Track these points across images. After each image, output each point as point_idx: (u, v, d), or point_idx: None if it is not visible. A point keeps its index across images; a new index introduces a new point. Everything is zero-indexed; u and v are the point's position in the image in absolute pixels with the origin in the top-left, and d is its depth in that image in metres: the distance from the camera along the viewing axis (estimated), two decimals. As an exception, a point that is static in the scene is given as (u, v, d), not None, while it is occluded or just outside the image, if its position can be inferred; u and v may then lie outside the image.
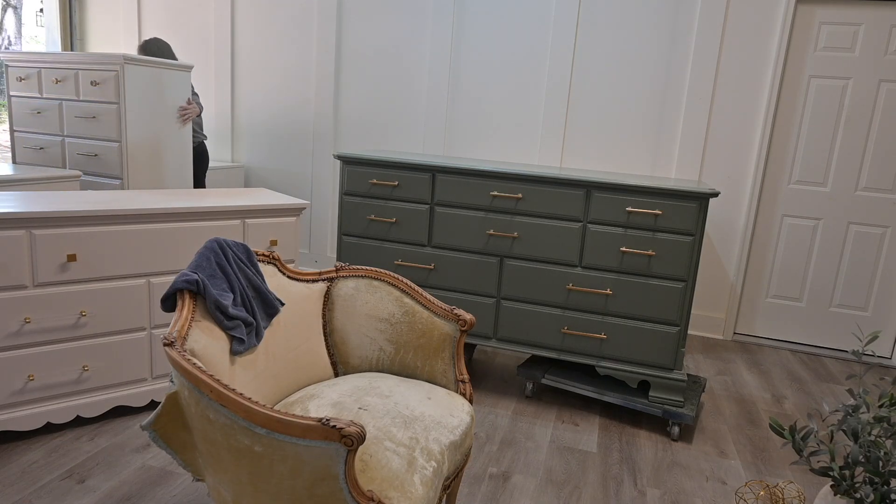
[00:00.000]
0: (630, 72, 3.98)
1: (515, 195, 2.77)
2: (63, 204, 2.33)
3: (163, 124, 3.58)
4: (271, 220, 2.75)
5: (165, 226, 2.47)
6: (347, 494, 1.27)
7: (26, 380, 2.25)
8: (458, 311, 1.93)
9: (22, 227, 2.16)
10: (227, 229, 2.63)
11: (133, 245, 2.40)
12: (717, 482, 2.40)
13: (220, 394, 1.28)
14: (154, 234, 2.45)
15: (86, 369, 2.38)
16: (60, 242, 2.24)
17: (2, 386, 2.21)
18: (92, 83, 3.39)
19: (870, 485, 1.71)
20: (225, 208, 2.59)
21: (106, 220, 2.33)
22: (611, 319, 2.73)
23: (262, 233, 2.74)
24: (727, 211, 3.98)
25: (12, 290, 2.17)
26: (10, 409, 2.24)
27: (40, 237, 2.20)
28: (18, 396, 2.24)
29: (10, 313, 2.17)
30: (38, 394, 2.29)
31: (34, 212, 2.17)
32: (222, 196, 2.80)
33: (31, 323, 2.22)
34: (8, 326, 2.17)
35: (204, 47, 4.82)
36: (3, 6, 5.42)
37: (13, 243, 2.15)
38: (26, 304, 2.20)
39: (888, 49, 3.65)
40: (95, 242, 2.31)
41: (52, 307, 2.26)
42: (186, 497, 2.06)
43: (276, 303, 1.87)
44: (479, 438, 2.59)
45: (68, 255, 2.26)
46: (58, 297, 2.27)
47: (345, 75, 4.52)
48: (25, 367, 2.24)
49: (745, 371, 3.59)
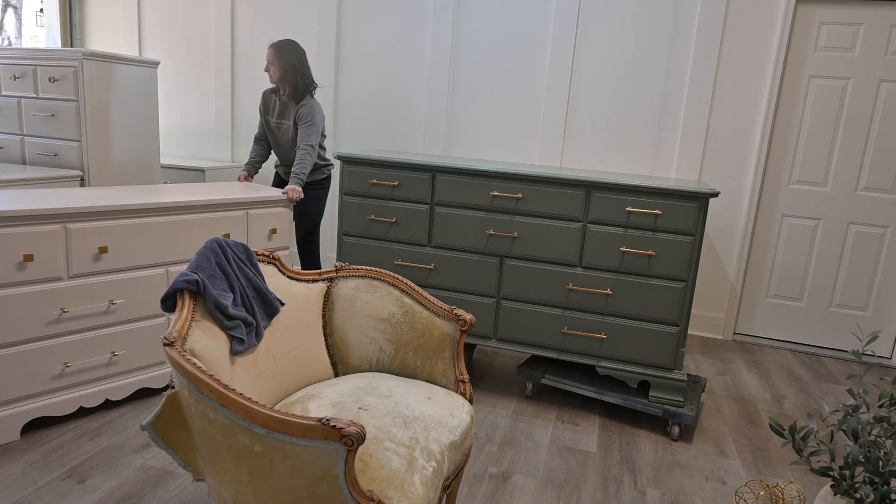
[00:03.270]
0: (630, 72, 3.98)
1: (515, 195, 2.77)
2: (95, 200, 2.47)
3: (125, 122, 3.50)
4: (270, 211, 3.03)
5: (182, 218, 2.66)
6: (347, 494, 1.27)
7: (63, 367, 2.38)
8: (458, 311, 1.93)
9: (58, 221, 2.29)
10: (234, 220, 2.87)
11: (154, 236, 2.58)
12: (717, 482, 2.40)
13: (220, 394, 1.28)
14: (172, 226, 2.63)
15: (114, 355, 2.53)
16: (93, 236, 2.39)
17: (42, 373, 2.34)
18: (50, 80, 3.29)
19: (870, 485, 1.71)
20: (232, 201, 2.84)
21: (133, 213, 2.50)
22: (611, 319, 2.73)
23: (263, 222, 3.00)
24: (727, 211, 3.98)
25: (50, 282, 2.31)
26: (49, 395, 2.37)
27: (75, 231, 2.33)
28: (56, 382, 2.38)
29: (49, 304, 2.31)
30: (72, 379, 2.42)
31: (70, 207, 2.30)
32: (229, 190, 3.03)
33: (68, 312, 2.35)
34: (47, 316, 2.31)
35: (204, 47, 4.82)
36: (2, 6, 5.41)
37: (50, 238, 2.28)
38: (62, 295, 2.34)
39: (888, 49, 3.65)
40: (123, 235, 2.48)
41: (85, 297, 2.40)
42: (186, 497, 2.06)
43: (276, 303, 1.87)
44: (479, 438, 2.59)
45: (99, 247, 2.40)
46: (90, 288, 2.41)
47: (345, 75, 4.52)
48: (62, 354, 2.37)
49: (745, 371, 3.59)
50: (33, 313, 2.27)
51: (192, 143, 4.98)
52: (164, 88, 4.99)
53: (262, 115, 3.55)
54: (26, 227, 2.21)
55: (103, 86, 3.37)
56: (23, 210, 2.19)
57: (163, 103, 5.01)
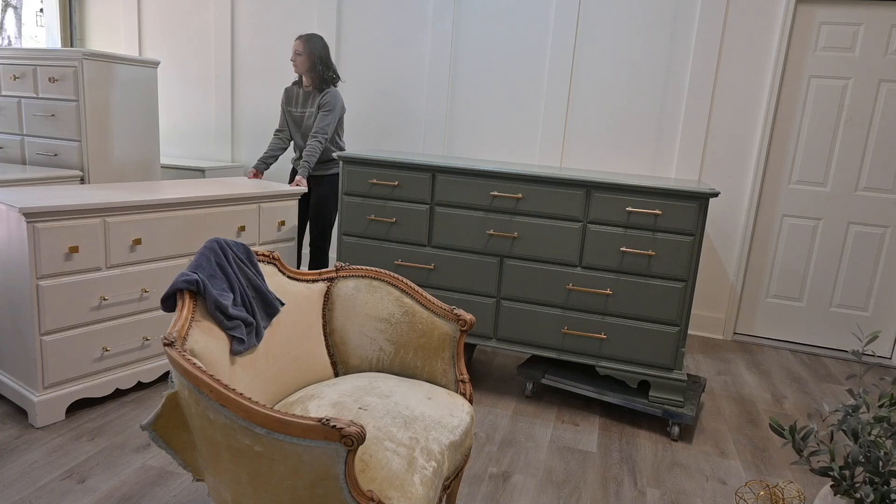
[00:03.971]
0: (630, 71, 3.98)
1: (515, 195, 2.77)
2: (131, 195, 2.66)
3: (125, 122, 3.51)
4: (279, 204, 3.27)
5: (205, 211, 2.86)
6: (347, 494, 1.27)
7: (102, 351, 2.56)
8: (458, 311, 1.93)
9: (98, 215, 2.46)
10: (248, 212, 3.10)
11: (181, 228, 2.78)
12: (717, 482, 2.40)
13: (220, 394, 1.28)
14: (196, 218, 2.83)
15: (146, 339, 2.71)
16: (129, 228, 2.58)
17: (84, 357, 2.51)
18: (50, 80, 3.28)
19: (870, 485, 1.71)
20: (247, 195, 3.07)
21: (164, 207, 2.69)
22: (611, 319, 2.73)
23: (273, 214, 3.24)
24: (727, 211, 3.98)
25: (91, 272, 2.48)
26: (90, 377, 2.55)
27: (113, 224, 2.51)
28: (97, 365, 2.56)
29: (89, 293, 2.48)
30: (110, 363, 2.61)
31: (109, 202, 2.47)
32: (242, 186, 3.27)
33: (107, 300, 2.54)
34: (89, 303, 2.48)
35: (204, 47, 4.82)
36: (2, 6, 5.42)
37: (91, 230, 2.45)
38: (101, 284, 2.51)
39: (888, 49, 3.65)
40: (155, 227, 2.67)
41: (121, 286, 2.59)
42: (186, 497, 2.06)
43: (276, 303, 1.87)
44: (479, 438, 2.59)
45: (134, 239, 2.59)
46: (126, 277, 2.60)
47: (344, 75, 4.52)
48: (102, 339, 2.56)
49: (745, 371, 3.59)
50: (78, 301, 2.44)
51: (192, 143, 4.98)
52: (164, 88, 4.99)
53: (284, 108, 3.74)
54: (72, 221, 2.38)
55: (103, 86, 3.37)
56: (67, 205, 2.34)
57: (163, 103, 5.01)
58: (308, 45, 3.53)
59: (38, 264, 2.30)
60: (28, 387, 2.42)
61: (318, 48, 3.56)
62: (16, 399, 2.47)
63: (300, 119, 3.68)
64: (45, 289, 2.33)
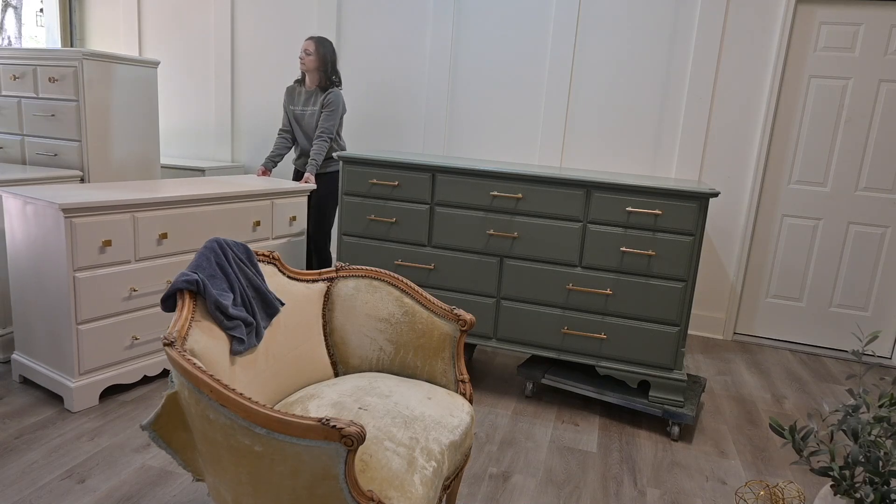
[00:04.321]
0: (630, 71, 3.98)
1: (515, 195, 2.77)
2: (158, 191, 2.80)
3: (125, 122, 3.51)
4: (291, 200, 3.42)
5: (224, 206, 3.01)
6: (347, 494, 1.27)
7: (132, 339, 2.71)
8: (458, 311, 1.93)
9: (128, 211, 2.60)
10: (262, 208, 3.24)
11: (203, 223, 2.92)
12: (717, 482, 2.40)
13: (220, 394, 1.28)
14: (216, 214, 2.97)
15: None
16: (157, 223, 2.72)
17: (116, 345, 2.66)
18: (50, 80, 3.28)
19: (870, 485, 1.71)
20: (262, 192, 3.21)
21: (188, 203, 2.83)
22: (611, 319, 2.73)
23: (285, 210, 3.39)
24: (727, 211, 3.98)
25: (121, 265, 2.62)
26: (120, 365, 2.70)
27: (141, 219, 2.65)
28: (127, 353, 2.71)
29: (121, 284, 2.62)
30: (139, 350, 2.76)
31: (138, 199, 2.61)
32: (256, 183, 3.41)
33: (137, 291, 2.68)
34: (120, 294, 2.63)
35: (204, 47, 4.82)
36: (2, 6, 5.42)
37: (122, 225, 2.59)
38: (131, 276, 2.66)
39: (888, 49, 3.65)
40: (181, 222, 2.82)
41: (149, 278, 2.73)
42: (186, 497, 2.06)
43: (276, 303, 1.87)
44: (479, 438, 2.59)
45: (160, 233, 2.72)
46: (153, 269, 2.74)
47: (345, 75, 4.52)
48: (131, 328, 2.70)
49: (745, 371, 3.59)
50: (111, 292, 2.59)
51: (192, 143, 4.98)
52: (164, 88, 4.99)
53: (287, 107, 3.86)
54: (105, 217, 2.52)
55: (103, 86, 3.36)
56: (101, 201, 2.48)
57: (163, 103, 5.01)
58: (321, 47, 3.67)
59: (74, 257, 2.44)
60: (64, 374, 2.57)
61: (329, 51, 3.71)
62: (51, 386, 2.61)
63: (301, 117, 3.79)
64: (81, 280, 2.47)
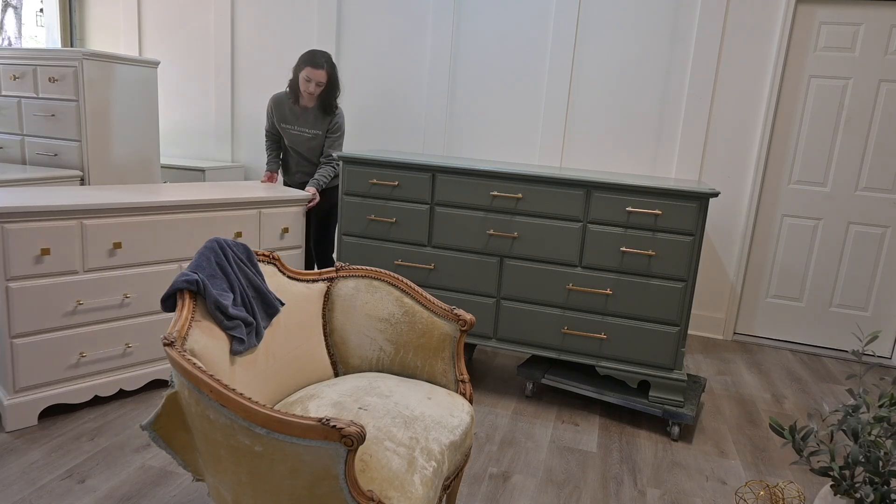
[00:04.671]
0: (630, 71, 3.98)
1: (515, 195, 2.77)
2: (110, 197, 2.57)
3: (125, 122, 3.49)
4: (282, 210, 3.08)
5: (195, 215, 2.74)
6: (347, 494, 1.27)
7: (79, 356, 2.49)
8: (458, 311, 1.93)
9: (74, 217, 2.39)
10: (247, 218, 2.93)
11: (168, 233, 2.67)
12: (717, 482, 2.40)
13: (220, 394, 1.28)
14: (185, 223, 2.72)
15: (128, 346, 2.63)
16: (108, 231, 2.49)
17: (58, 362, 2.44)
18: (50, 80, 3.27)
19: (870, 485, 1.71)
20: (245, 199, 2.90)
21: (147, 210, 2.59)
22: (611, 319, 2.73)
23: (275, 222, 3.05)
24: (727, 211, 3.98)
25: (66, 275, 2.41)
26: (65, 383, 2.48)
27: (90, 227, 2.43)
28: (72, 371, 2.49)
29: (65, 296, 2.41)
30: (88, 369, 2.53)
31: (85, 204, 2.40)
32: (242, 189, 3.10)
33: (83, 305, 2.46)
34: (63, 308, 2.41)
35: (204, 47, 4.82)
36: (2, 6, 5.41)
37: (67, 233, 2.37)
38: (78, 288, 2.44)
39: (888, 49, 3.65)
40: (137, 231, 2.57)
41: (100, 290, 2.50)
42: (186, 497, 2.06)
43: (276, 303, 1.87)
44: (479, 438, 2.59)
45: (114, 242, 2.50)
46: (105, 282, 2.51)
47: (345, 75, 4.52)
48: (78, 344, 2.48)
49: (745, 371, 3.59)
50: (50, 305, 2.37)
51: (192, 143, 4.98)
52: (164, 88, 4.99)
53: (278, 124, 3.49)
54: (43, 223, 2.31)
55: (103, 86, 3.36)
56: (40, 206, 2.29)
57: (163, 103, 5.01)
58: (334, 72, 3.32)
59: (7, 266, 2.24)
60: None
61: (336, 73, 3.36)
62: None
63: (299, 139, 3.46)
64: (14, 291, 2.27)
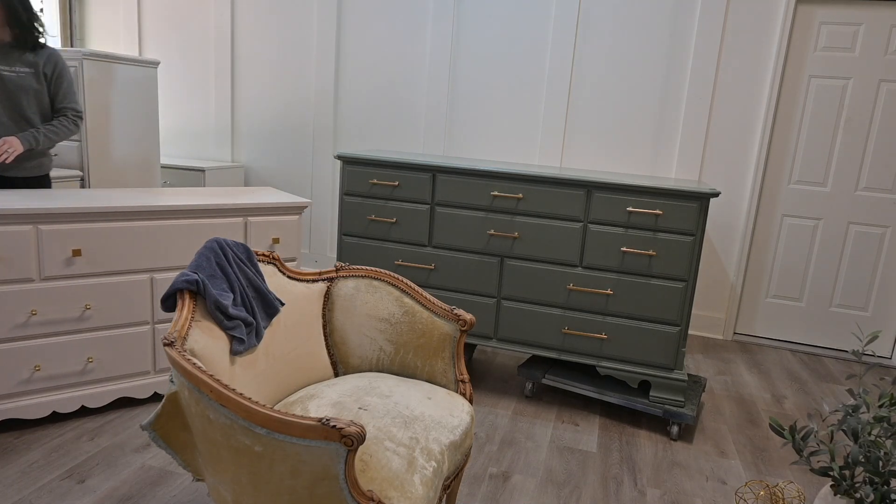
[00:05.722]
0: (630, 72, 3.98)
1: (516, 195, 2.77)
2: (68, 201, 2.37)
3: (125, 122, 3.48)
4: (273, 218, 2.77)
5: (169, 223, 2.50)
6: (347, 494, 1.27)
7: (33, 370, 2.32)
8: (458, 311, 1.93)
9: (29, 222, 2.22)
10: (231, 227, 2.65)
11: (137, 241, 2.45)
12: (717, 482, 2.40)
13: (220, 394, 1.28)
14: (157, 231, 2.49)
15: (90, 361, 2.44)
16: (66, 238, 2.30)
17: (9, 375, 2.28)
18: None
19: (870, 485, 1.71)
20: (228, 206, 2.62)
21: (110, 216, 2.38)
22: (611, 319, 2.73)
23: (264, 231, 2.76)
24: (727, 211, 3.98)
25: (20, 283, 2.24)
26: (18, 397, 2.31)
27: (46, 232, 2.26)
28: (25, 386, 2.32)
29: (18, 305, 2.25)
30: (44, 384, 2.36)
31: (40, 208, 2.23)
32: (225, 194, 2.82)
33: (38, 315, 2.29)
34: (15, 318, 2.25)
35: (204, 47, 4.82)
36: (3, 6, 5.38)
37: (21, 238, 2.21)
38: (33, 297, 2.27)
39: (888, 49, 3.65)
40: (100, 238, 2.37)
41: (57, 300, 2.32)
42: (186, 497, 2.06)
43: (276, 303, 1.87)
44: (479, 438, 2.59)
45: (73, 250, 2.31)
46: (63, 291, 2.33)
47: (344, 75, 4.52)
48: (32, 357, 2.31)
49: (745, 371, 3.59)
50: (2, 314, 2.21)
51: (192, 143, 4.98)
52: (164, 88, 4.99)
53: None
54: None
55: (103, 86, 3.36)
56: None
57: (163, 103, 5.01)
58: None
59: None
60: None
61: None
62: None
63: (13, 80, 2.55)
64: None
